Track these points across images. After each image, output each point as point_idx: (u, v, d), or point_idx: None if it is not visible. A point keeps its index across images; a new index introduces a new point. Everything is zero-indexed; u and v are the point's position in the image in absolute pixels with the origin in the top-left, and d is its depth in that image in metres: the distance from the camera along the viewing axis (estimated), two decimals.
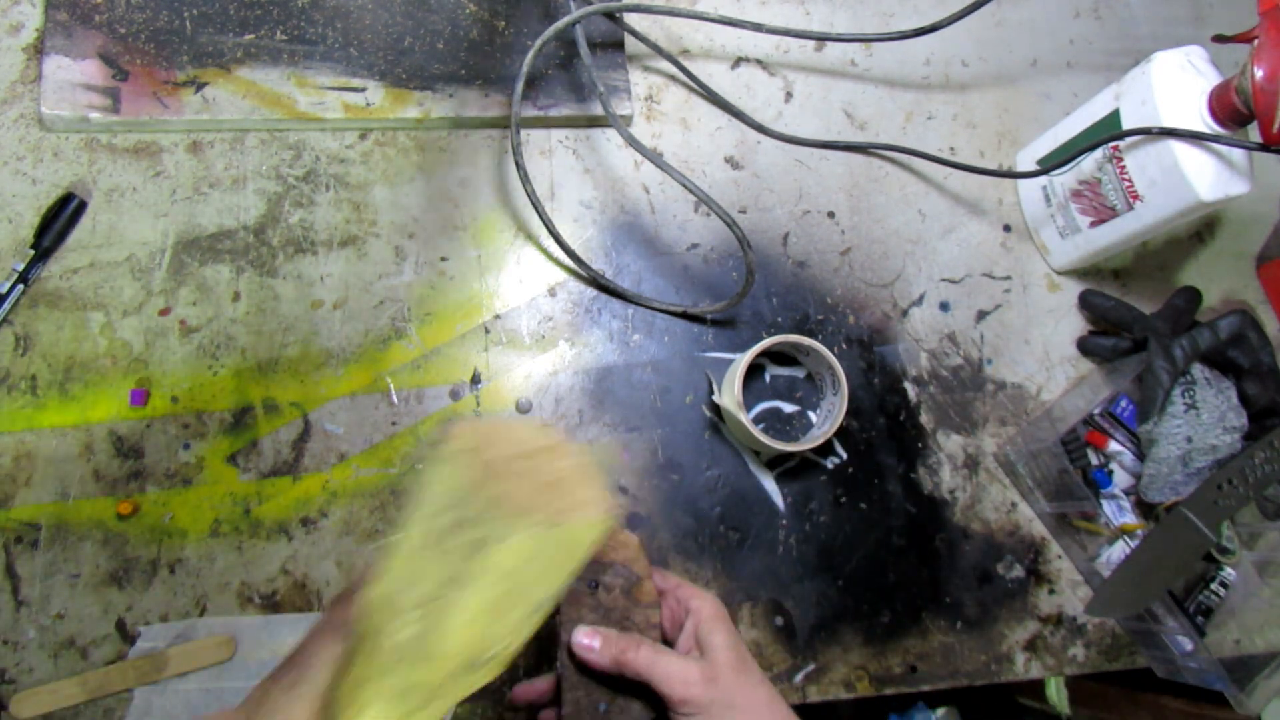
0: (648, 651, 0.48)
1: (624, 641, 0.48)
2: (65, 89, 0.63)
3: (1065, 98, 0.82)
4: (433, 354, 0.66)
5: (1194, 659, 0.66)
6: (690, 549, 0.66)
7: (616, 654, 0.48)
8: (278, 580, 0.60)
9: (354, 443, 0.63)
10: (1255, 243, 0.84)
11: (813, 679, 0.65)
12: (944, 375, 0.74)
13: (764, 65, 0.78)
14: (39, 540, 0.58)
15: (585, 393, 0.67)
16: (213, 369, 0.62)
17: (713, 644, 0.49)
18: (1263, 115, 0.58)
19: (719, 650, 0.49)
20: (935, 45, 0.81)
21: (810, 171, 0.76)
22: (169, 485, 0.60)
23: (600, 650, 0.48)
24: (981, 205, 0.79)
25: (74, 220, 0.63)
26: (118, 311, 0.62)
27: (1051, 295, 0.77)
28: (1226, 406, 0.68)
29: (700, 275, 0.72)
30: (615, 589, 0.51)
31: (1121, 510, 0.71)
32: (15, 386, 0.60)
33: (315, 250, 0.66)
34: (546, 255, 0.70)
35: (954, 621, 0.69)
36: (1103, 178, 0.69)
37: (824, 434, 0.65)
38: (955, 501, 0.71)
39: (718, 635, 0.50)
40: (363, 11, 0.70)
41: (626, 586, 0.51)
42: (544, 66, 0.71)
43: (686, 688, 0.46)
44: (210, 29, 0.67)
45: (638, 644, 0.48)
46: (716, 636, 0.50)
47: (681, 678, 0.47)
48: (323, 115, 0.67)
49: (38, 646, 0.56)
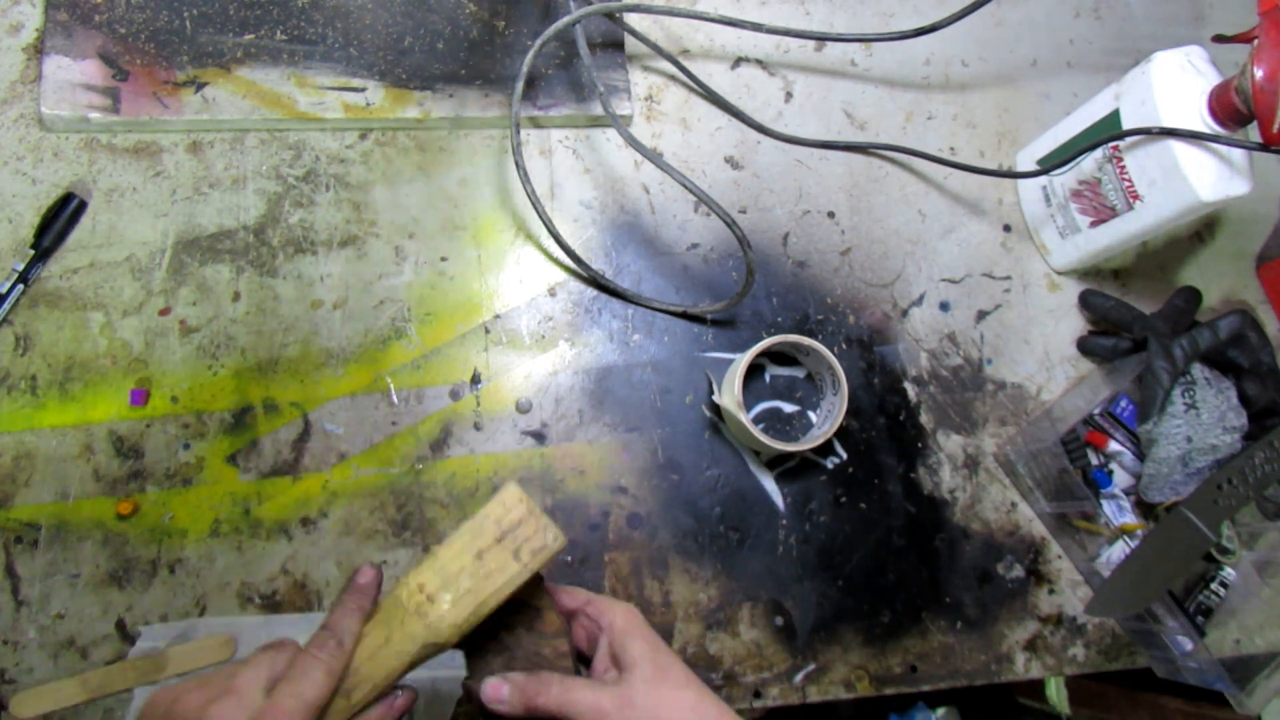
0: (557, 690, 0.47)
1: (532, 685, 0.48)
2: (65, 89, 0.63)
3: (1065, 98, 0.82)
4: (433, 354, 0.66)
5: (1194, 659, 0.66)
6: (690, 549, 0.66)
7: (527, 700, 0.48)
8: (278, 580, 0.60)
9: (354, 443, 0.63)
10: (1255, 243, 0.84)
11: (813, 679, 0.65)
12: (944, 375, 0.74)
13: (764, 65, 0.78)
14: (39, 540, 0.58)
15: (585, 393, 0.67)
16: (213, 369, 0.62)
17: (628, 658, 0.49)
18: (1263, 115, 0.58)
19: (635, 665, 0.48)
20: (935, 45, 0.81)
21: (810, 171, 0.76)
22: (169, 485, 0.60)
23: (510, 699, 0.48)
24: (981, 205, 0.79)
25: (74, 220, 0.63)
26: (118, 311, 0.62)
27: (1051, 295, 0.77)
28: (1226, 406, 0.68)
29: (700, 275, 0.72)
30: (517, 627, 0.51)
31: (1121, 510, 0.71)
32: (15, 386, 0.60)
33: (315, 250, 0.66)
34: (546, 255, 0.70)
35: (954, 621, 0.69)
36: (1103, 178, 0.69)
37: (824, 434, 0.65)
38: (955, 501, 0.71)
39: (633, 647, 0.49)
40: (363, 11, 0.70)
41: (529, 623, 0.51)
42: (544, 66, 0.71)
43: (600, 717, 0.46)
44: (210, 29, 0.67)
45: (547, 684, 0.48)
46: (633, 648, 0.49)
47: (594, 708, 0.46)
48: (323, 115, 0.67)
49: (38, 646, 0.56)
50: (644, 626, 0.51)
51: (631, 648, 0.49)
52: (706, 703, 0.49)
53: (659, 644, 0.50)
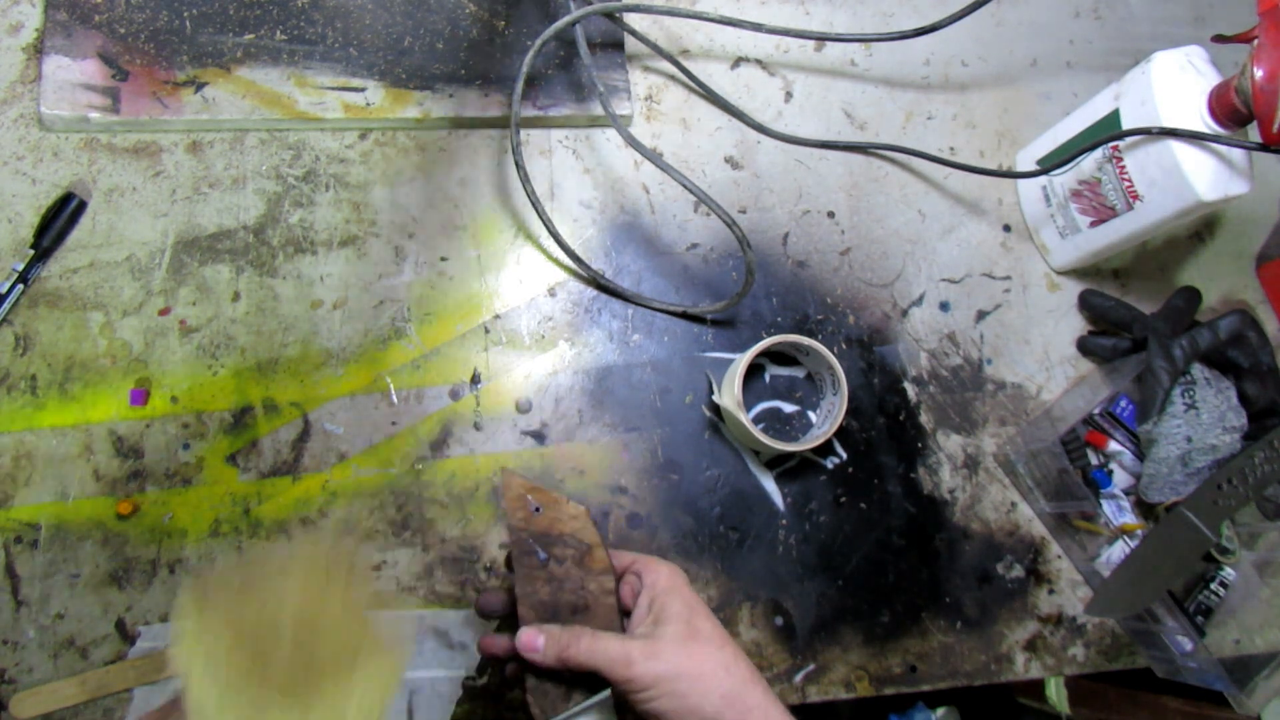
0: (587, 641, 0.48)
1: (566, 637, 0.49)
2: (65, 89, 0.63)
3: (1065, 98, 0.82)
4: (432, 354, 0.66)
5: (1194, 659, 0.66)
6: (690, 549, 0.66)
7: (559, 651, 0.48)
8: None
9: (354, 443, 0.63)
10: (1255, 243, 0.83)
11: (813, 679, 0.65)
12: (944, 375, 0.74)
13: (764, 65, 0.78)
14: (39, 540, 0.58)
15: (585, 393, 0.67)
16: (212, 369, 0.62)
17: (666, 615, 0.50)
18: (1263, 115, 0.58)
19: (670, 621, 0.49)
20: (935, 45, 0.81)
21: (810, 171, 0.76)
22: (169, 485, 0.60)
23: (545, 650, 0.49)
24: (981, 205, 0.79)
25: (74, 220, 0.63)
26: (118, 311, 0.62)
27: (1051, 295, 0.77)
28: (1226, 406, 0.68)
29: (700, 275, 0.72)
30: (567, 559, 0.52)
31: (1121, 510, 0.71)
32: (15, 386, 0.60)
33: (315, 250, 0.66)
34: (546, 255, 0.70)
35: (954, 621, 0.69)
36: (1102, 178, 0.69)
37: (824, 434, 0.65)
38: (955, 501, 0.71)
39: (672, 605, 0.50)
40: (363, 11, 0.70)
41: (578, 556, 0.52)
42: (544, 66, 0.71)
43: (627, 668, 0.47)
44: (210, 29, 0.67)
45: (578, 636, 0.48)
46: (671, 606, 0.50)
47: (623, 659, 0.47)
48: (323, 115, 0.67)
49: (38, 646, 0.56)
50: (686, 587, 0.52)
51: (670, 605, 0.50)
52: (740, 664, 0.49)
53: (698, 605, 0.51)
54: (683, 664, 0.47)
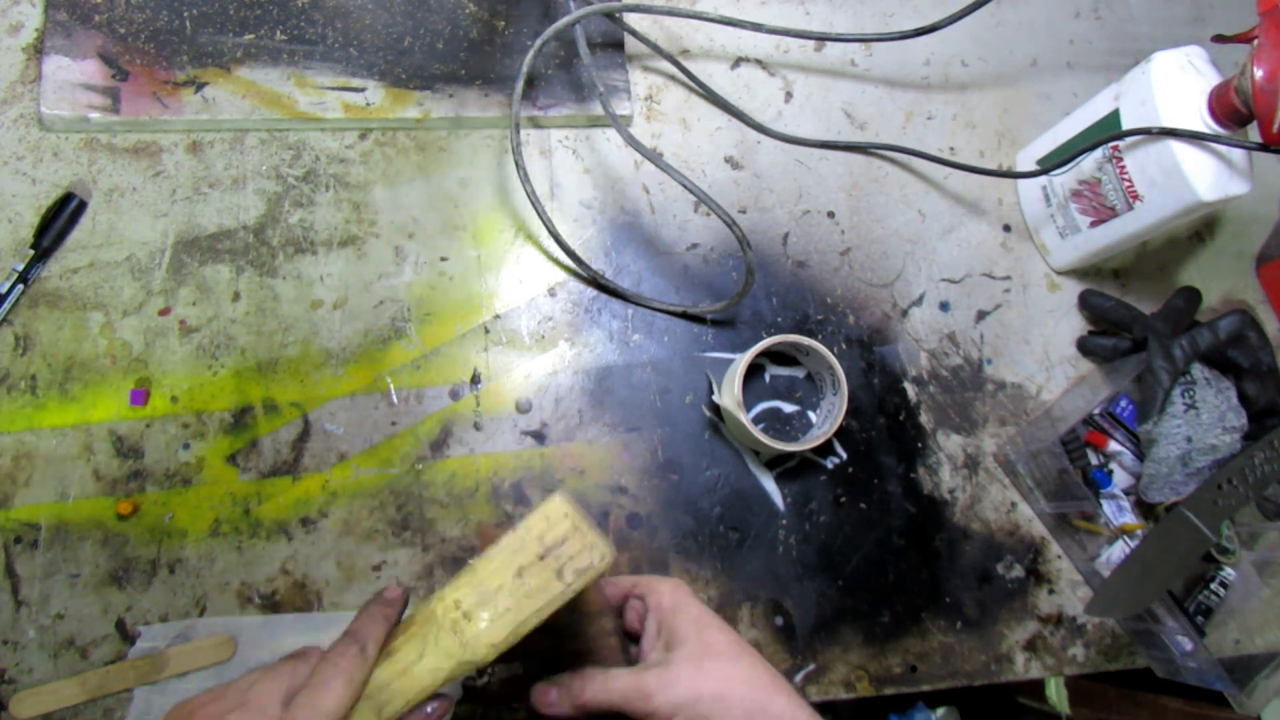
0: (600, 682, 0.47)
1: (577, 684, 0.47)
2: (65, 89, 0.63)
3: (1065, 98, 0.82)
4: (432, 354, 0.66)
5: (1194, 659, 0.66)
6: (690, 549, 0.66)
7: (573, 700, 0.47)
8: (277, 580, 0.60)
9: (354, 443, 0.63)
10: (1255, 243, 0.84)
11: (813, 679, 0.65)
12: (944, 375, 0.74)
13: (764, 65, 0.78)
14: (39, 540, 0.58)
15: (585, 393, 0.67)
16: (212, 369, 0.62)
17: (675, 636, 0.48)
18: (1263, 115, 0.58)
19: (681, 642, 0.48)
20: (935, 45, 0.81)
21: (810, 171, 0.76)
22: (169, 485, 0.60)
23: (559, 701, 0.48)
24: (981, 205, 0.79)
25: (74, 220, 0.63)
26: (118, 311, 0.62)
27: (1051, 295, 0.77)
28: (1226, 406, 0.68)
29: (700, 275, 0.72)
30: None
31: (1121, 510, 0.71)
32: (15, 386, 0.60)
33: (315, 250, 0.66)
34: (546, 255, 0.70)
35: (954, 621, 0.69)
36: (1102, 178, 0.69)
37: (824, 434, 0.65)
38: (955, 501, 0.71)
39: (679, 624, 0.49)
40: (363, 11, 0.70)
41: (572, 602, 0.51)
42: (544, 66, 0.71)
43: (645, 701, 0.46)
44: (210, 29, 0.67)
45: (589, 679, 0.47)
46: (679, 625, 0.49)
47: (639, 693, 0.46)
48: (323, 115, 0.67)
49: (38, 646, 0.56)
50: (691, 601, 0.50)
51: (678, 625, 0.48)
52: (758, 673, 0.47)
53: (706, 618, 0.49)
54: (701, 686, 0.46)
